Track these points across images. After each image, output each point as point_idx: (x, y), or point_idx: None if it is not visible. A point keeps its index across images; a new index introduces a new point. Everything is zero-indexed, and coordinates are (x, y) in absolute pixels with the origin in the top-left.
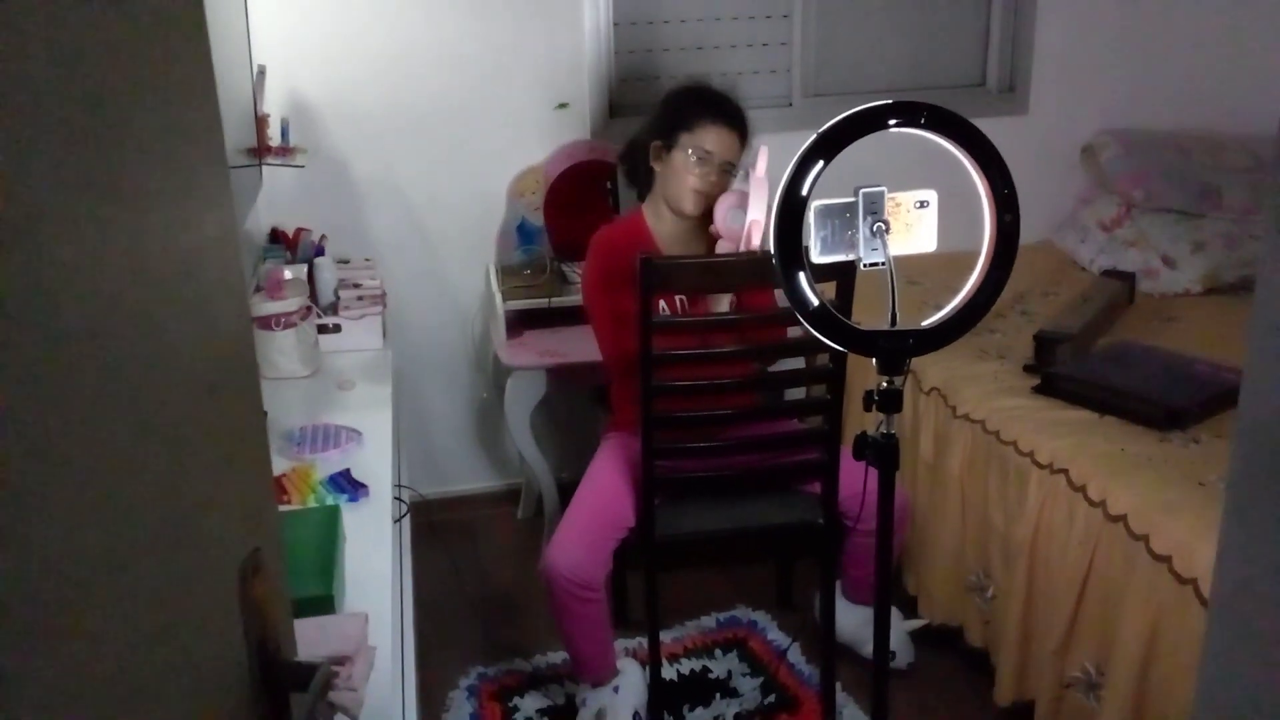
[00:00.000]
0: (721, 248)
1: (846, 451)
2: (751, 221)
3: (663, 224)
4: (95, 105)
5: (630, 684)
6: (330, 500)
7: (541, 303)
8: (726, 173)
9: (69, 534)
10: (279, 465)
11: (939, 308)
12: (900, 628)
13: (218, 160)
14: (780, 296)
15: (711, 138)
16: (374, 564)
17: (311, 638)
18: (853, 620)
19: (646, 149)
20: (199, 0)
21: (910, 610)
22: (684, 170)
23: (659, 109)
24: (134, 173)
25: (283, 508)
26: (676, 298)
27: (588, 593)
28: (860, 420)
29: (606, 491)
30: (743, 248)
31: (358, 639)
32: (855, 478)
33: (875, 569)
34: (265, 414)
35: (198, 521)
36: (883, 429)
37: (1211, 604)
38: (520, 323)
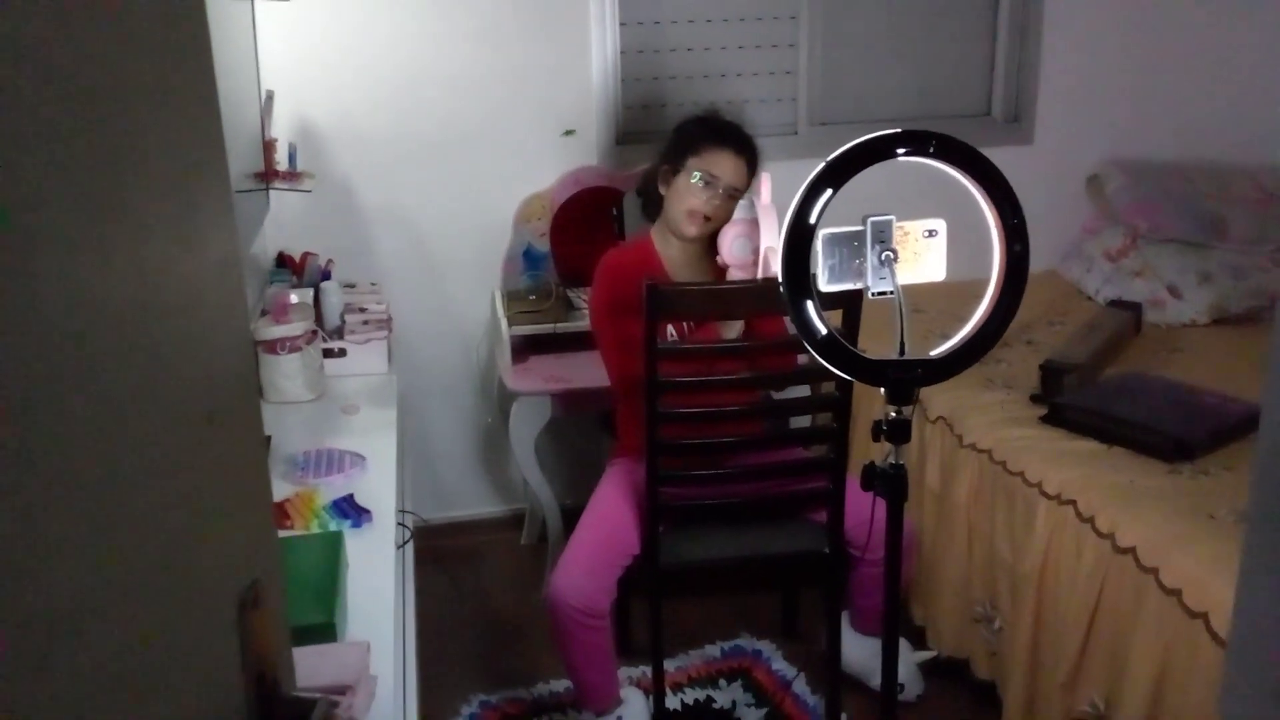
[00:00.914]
0: (733, 275)
1: (853, 480)
2: (767, 248)
3: (670, 249)
4: (97, 127)
5: (633, 713)
6: (333, 526)
7: (547, 328)
8: (732, 198)
9: (61, 564)
10: (282, 490)
11: (944, 336)
12: (909, 659)
13: (221, 185)
14: (790, 323)
15: (718, 162)
16: (376, 590)
17: (312, 666)
18: (861, 651)
19: (655, 170)
20: (203, 23)
21: (918, 641)
22: (687, 193)
23: (670, 136)
24: (136, 196)
25: (285, 533)
26: (685, 324)
27: (592, 620)
28: (865, 448)
29: (611, 519)
30: (761, 274)
31: (359, 668)
32: (861, 506)
33: (884, 601)
34: (269, 440)
35: (195, 552)
36: (891, 459)
37: (1230, 640)
38: (525, 348)
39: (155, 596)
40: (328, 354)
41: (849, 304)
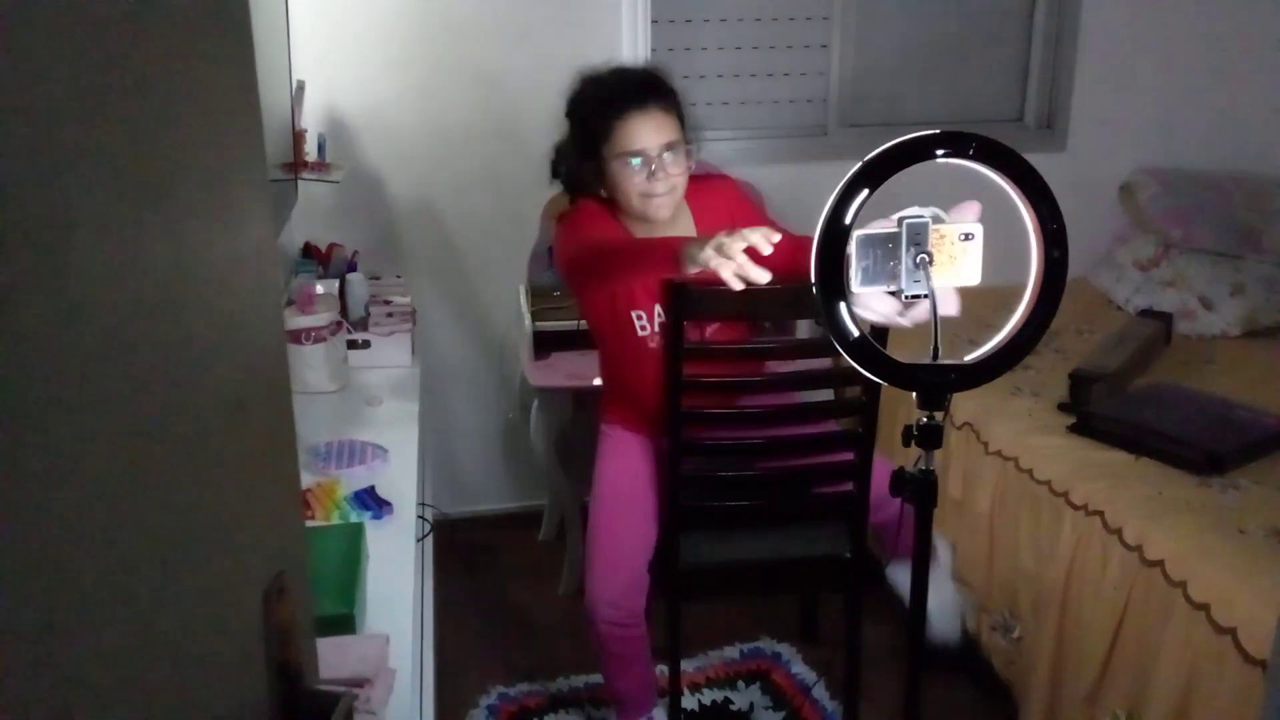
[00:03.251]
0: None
1: (877, 482)
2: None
3: (633, 219)
4: (136, 112)
5: None
6: (354, 517)
7: (570, 325)
8: (674, 152)
9: (86, 553)
10: (304, 480)
11: (972, 342)
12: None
13: (258, 173)
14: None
15: (634, 133)
16: (396, 583)
17: (331, 658)
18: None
19: (577, 172)
20: (245, 13)
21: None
22: (626, 181)
23: (569, 127)
24: (173, 181)
25: (306, 523)
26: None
27: (630, 628)
28: (889, 452)
29: (624, 515)
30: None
31: (378, 661)
32: (887, 503)
33: (910, 611)
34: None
35: (222, 542)
36: (921, 465)
37: (1272, 660)
38: (548, 344)
39: (181, 585)
40: (352, 345)
41: None
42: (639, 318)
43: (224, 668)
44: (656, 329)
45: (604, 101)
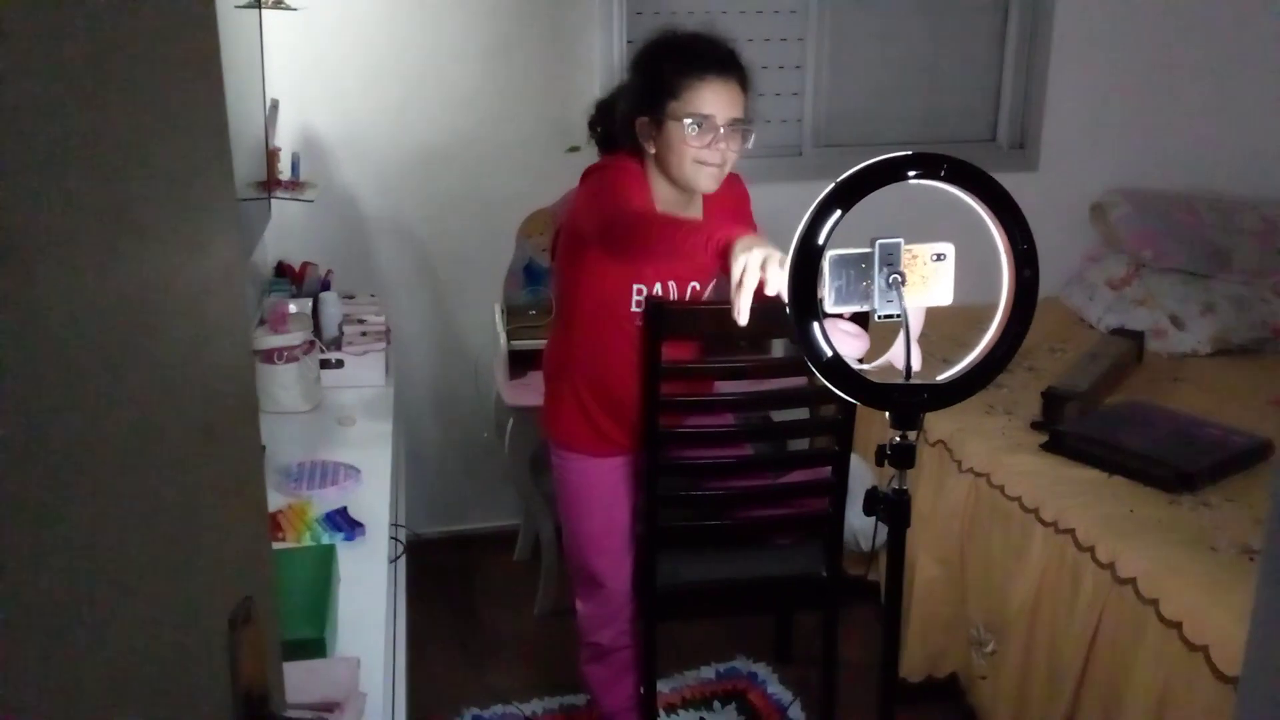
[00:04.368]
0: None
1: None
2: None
3: (661, 188)
4: (102, 134)
5: None
6: (326, 539)
7: (546, 343)
8: (734, 131)
9: (49, 576)
10: (275, 501)
11: (947, 361)
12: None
13: (226, 194)
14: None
15: (706, 98)
16: (368, 605)
17: (301, 682)
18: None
19: (629, 122)
20: (213, 30)
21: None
22: (683, 144)
23: (634, 76)
24: (140, 202)
25: (277, 545)
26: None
27: (620, 648)
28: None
29: (605, 551)
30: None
31: (348, 685)
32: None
33: (884, 630)
34: (263, 450)
35: (187, 567)
36: (894, 484)
37: (1243, 678)
38: (524, 363)
39: (145, 611)
40: (325, 365)
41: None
42: (638, 292)
43: (189, 694)
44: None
45: (686, 58)
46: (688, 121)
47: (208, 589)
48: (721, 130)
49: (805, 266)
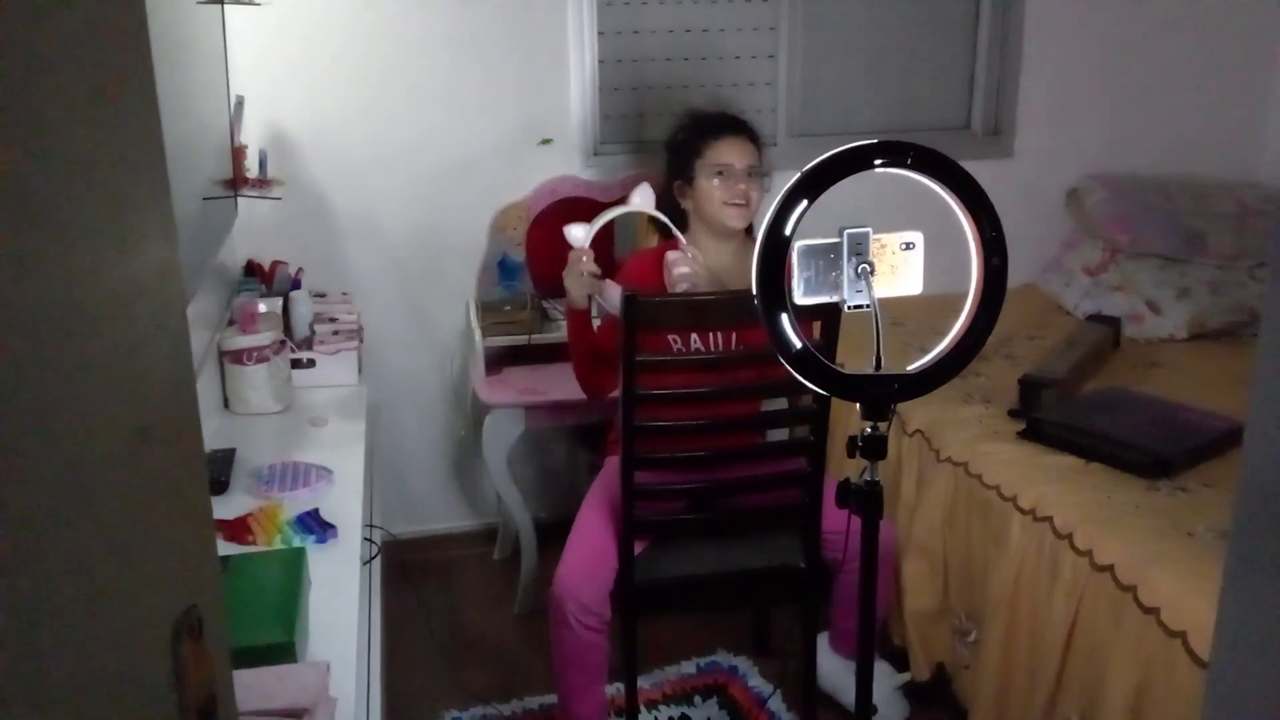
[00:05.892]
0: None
1: (830, 491)
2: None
3: (702, 238)
4: (22, 125)
5: None
6: (297, 541)
7: (521, 339)
8: (753, 177)
9: None
10: (245, 504)
11: (924, 350)
12: (887, 684)
13: (158, 190)
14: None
15: (725, 151)
16: (340, 608)
17: (269, 688)
18: (838, 669)
19: (669, 189)
20: (140, 11)
21: (899, 664)
22: (711, 192)
23: (667, 155)
24: (62, 201)
25: (248, 549)
26: (710, 335)
27: (590, 625)
28: (841, 463)
29: (599, 533)
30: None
31: (317, 690)
32: (840, 516)
33: (858, 618)
34: (233, 452)
35: (124, 577)
36: (866, 476)
37: (1211, 659)
38: (500, 360)
39: (79, 624)
40: (296, 365)
41: (828, 317)
42: (675, 341)
43: (130, 708)
44: (691, 348)
45: (705, 126)
46: (713, 172)
47: (146, 599)
48: (739, 173)
49: (773, 257)
